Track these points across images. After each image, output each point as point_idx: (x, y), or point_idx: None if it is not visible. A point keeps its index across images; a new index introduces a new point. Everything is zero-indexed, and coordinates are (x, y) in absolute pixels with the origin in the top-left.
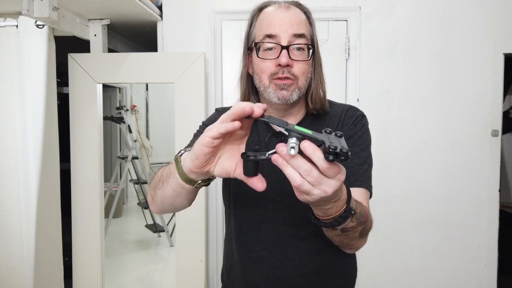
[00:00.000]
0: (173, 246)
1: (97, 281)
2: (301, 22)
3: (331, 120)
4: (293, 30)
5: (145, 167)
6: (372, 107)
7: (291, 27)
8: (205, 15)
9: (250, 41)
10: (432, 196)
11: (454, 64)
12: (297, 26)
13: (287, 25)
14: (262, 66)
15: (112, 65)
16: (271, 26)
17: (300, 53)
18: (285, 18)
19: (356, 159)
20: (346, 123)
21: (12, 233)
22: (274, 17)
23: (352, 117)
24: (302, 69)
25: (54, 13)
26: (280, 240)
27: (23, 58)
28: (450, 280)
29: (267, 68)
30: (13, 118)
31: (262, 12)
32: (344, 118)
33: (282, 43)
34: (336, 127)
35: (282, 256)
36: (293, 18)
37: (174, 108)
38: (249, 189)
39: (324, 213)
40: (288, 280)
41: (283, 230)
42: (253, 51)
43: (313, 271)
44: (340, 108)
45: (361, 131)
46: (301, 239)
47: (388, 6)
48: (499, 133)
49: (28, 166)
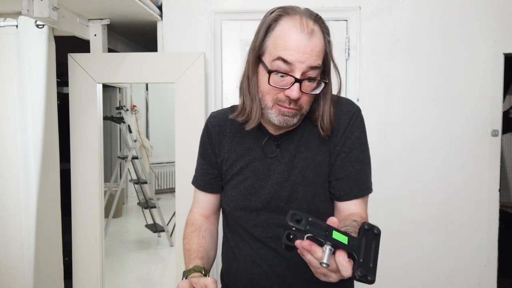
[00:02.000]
0: (173, 246)
1: (97, 281)
2: (320, 50)
3: None
4: (310, 62)
5: (145, 167)
6: (372, 107)
7: (309, 58)
8: (205, 15)
9: (261, 50)
10: (432, 196)
11: (454, 64)
12: (316, 57)
13: (305, 56)
14: (269, 90)
15: (112, 65)
16: (288, 50)
17: (311, 83)
18: (306, 48)
19: (358, 165)
20: (342, 122)
21: (12, 233)
22: (294, 41)
23: (347, 114)
24: (309, 100)
25: (54, 13)
26: (276, 239)
27: (23, 58)
28: (450, 280)
29: (274, 93)
30: (13, 118)
31: (280, 25)
32: (340, 116)
33: (296, 74)
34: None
35: (280, 254)
36: (313, 48)
37: (174, 108)
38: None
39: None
40: (287, 278)
41: (278, 230)
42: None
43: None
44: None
45: (358, 130)
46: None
47: (388, 6)
48: (499, 133)
49: (28, 166)
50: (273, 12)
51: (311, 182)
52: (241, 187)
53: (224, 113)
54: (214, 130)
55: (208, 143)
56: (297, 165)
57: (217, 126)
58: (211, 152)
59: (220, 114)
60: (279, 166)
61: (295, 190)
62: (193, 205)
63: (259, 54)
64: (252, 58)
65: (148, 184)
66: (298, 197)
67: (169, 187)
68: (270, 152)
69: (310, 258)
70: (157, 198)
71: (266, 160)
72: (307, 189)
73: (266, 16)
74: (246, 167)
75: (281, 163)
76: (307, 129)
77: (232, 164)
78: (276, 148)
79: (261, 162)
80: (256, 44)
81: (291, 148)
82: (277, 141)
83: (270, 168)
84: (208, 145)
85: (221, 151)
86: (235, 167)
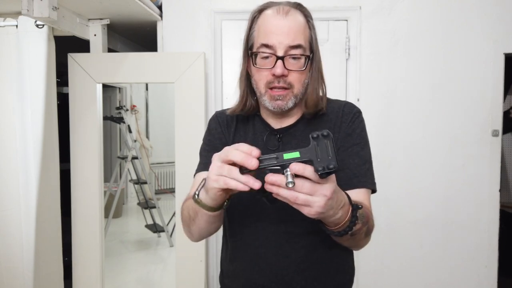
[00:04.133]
0: (173, 246)
1: (97, 281)
2: (299, 30)
3: (329, 118)
4: (289, 41)
5: (145, 167)
6: (372, 107)
7: (288, 37)
8: (205, 15)
9: (249, 43)
10: (432, 196)
11: (454, 64)
12: (294, 36)
13: (284, 35)
14: (258, 75)
15: (112, 65)
16: (268, 35)
17: (296, 61)
18: (283, 27)
19: (357, 159)
20: (344, 120)
21: (12, 233)
22: (272, 25)
23: (349, 114)
24: (298, 77)
25: (54, 13)
26: (276, 237)
27: (23, 58)
28: (450, 280)
29: (263, 77)
30: (13, 118)
31: (262, 15)
32: (342, 115)
33: (278, 53)
34: (334, 125)
35: (279, 252)
36: (291, 26)
37: (174, 108)
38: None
39: (336, 223)
40: (285, 276)
41: (280, 228)
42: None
43: (309, 267)
44: (337, 105)
45: (359, 128)
46: (297, 235)
47: (389, 6)
48: (500, 133)
49: (28, 166)
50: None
51: None
52: None
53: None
54: (223, 124)
55: (220, 132)
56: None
57: (225, 121)
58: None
59: (225, 113)
60: None
61: None
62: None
63: (249, 47)
64: (244, 51)
65: (148, 184)
66: None
67: (169, 187)
68: (272, 145)
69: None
70: (157, 198)
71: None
72: None
73: (251, 13)
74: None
75: None
76: (309, 124)
77: None
78: (278, 142)
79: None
80: (245, 37)
81: (293, 142)
82: (279, 135)
83: None
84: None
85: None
86: None
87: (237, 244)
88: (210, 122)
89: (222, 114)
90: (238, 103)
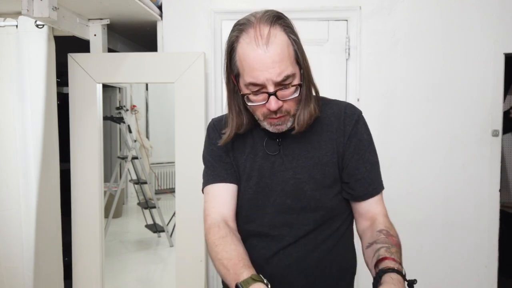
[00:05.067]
0: (173, 246)
1: (97, 281)
2: (283, 58)
3: (330, 121)
4: (276, 77)
5: (145, 167)
6: (372, 107)
7: (274, 72)
8: (205, 15)
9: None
10: (432, 196)
11: (454, 64)
12: (280, 70)
13: (269, 71)
14: (253, 109)
15: (112, 65)
16: (253, 72)
17: (288, 89)
18: (266, 62)
19: (369, 166)
20: (347, 123)
21: (12, 233)
22: (254, 61)
23: (352, 116)
24: (293, 104)
25: (54, 13)
26: (280, 239)
27: (23, 58)
28: (450, 280)
29: (259, 111)
30: (13, 118)
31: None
32: (345, 118)
33: (268, 90)
34: (336, 129)
35: (280, 252)
36: (274, 59)
37: (174, 108)
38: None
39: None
40: (287, 276)
41: (284, 231)
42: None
43: (310, 266)
44: (337, 107)
45: (366, 133)
46: (300, 237)
47: (389, 5)
48: (500, 133)
49: (28, 166)
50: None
51: (318, 182)
52: (246, 186)
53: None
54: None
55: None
56: (303, 164)
57: (223, 129)
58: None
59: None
60: (283, 163)
61: (301, 188)
62: (209, 206)
63: (234, 75)
64: (227, 79)
65: (148, 184)
66: (306, 196)
67: (169, 187)
68: (272, 150)
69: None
70: (157, 198)
71: (270, 158)
72: (314, 187)
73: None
74: (251, 165)
75: (284, 161)
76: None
77: (237, 164)
78: (278, 146)
79: (265, 160)
80: (226, 64)
81: (294, 146)
82: (278, 139)
83: (274, 165)
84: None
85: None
86: (240, 167)
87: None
88: (209, 131)
89: (220, 122)
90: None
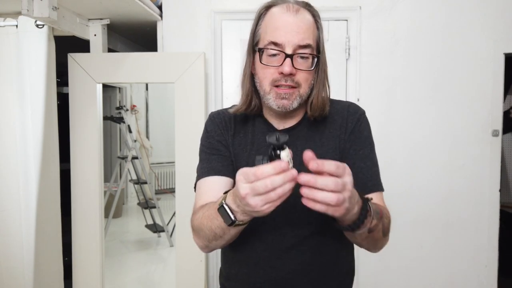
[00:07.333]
0: (173, 246)
1: (97, 281)
2: (308, 28)
3: (333, 119)
4: (298, 40)
5: (145, 167)
6: (372, 107)
7: (297, 35)
8: (205, 15)
9: (255, 40)
10: (432, 196)
11: (454, 64)
12: (303, 35)
13: (293, 33)
14: (264, 72)
15: (112, 65)
16: (277, 31)
17: (304, 61)
18: (292, 25)
19: (369, 162)
20: (350, 121)
21: (12, 233)
22: (281, 22)
23: (355, 114)
24: (305, 77)
25: (54, 13)
26: (282, 239)
27: (23, 58)
28: (450, 280)
29: (269, 75)
30: (13, 118)
31: (269, 13)
32: (348, 116)
33: (286, 51)
34: (340, 126)
35: (284, 256)
36: (300, 25)
37: (174, 108)
38: None
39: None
40: (290, 280)
41: (286, 230)
42: (256, 54)
43: (314, 270)
44: (341, 106)
45: (367, 130)
46: (303, 238)
47: (389, 6)
48: (500, 133)
49: (28, 166)
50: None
51: None
52: None
53: (224, 112)
54: (221, 125)
55: (220, 133)
56: None
57: (223, 122)
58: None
59: (221, 113)
60: None
61: None
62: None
63: (255, 44)
64: (248, 48)
65: (148, 184)
66: None
67: (169, 187)
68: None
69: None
70: (157, 198)
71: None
72: None
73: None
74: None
75: None
76: (312, 125)
77: (238, 160)
78: None
79: None
80: (251, 34)
81: (297, 143)
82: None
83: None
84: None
85: (228, 145)
86: (242, 163)
87: (240, 247)
88: (206, 125)
89: (219, 115)
90: (243, 102)
